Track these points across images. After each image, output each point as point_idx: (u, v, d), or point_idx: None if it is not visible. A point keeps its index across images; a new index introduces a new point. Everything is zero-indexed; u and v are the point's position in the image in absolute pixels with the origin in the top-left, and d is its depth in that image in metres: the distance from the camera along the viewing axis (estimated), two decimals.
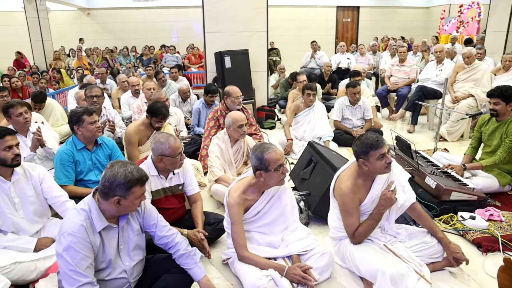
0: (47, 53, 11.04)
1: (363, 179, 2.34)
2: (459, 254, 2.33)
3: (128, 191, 1.81)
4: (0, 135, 2.39)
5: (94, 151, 3.11)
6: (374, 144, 2.22)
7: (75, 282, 1.72)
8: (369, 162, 2.24)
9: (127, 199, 1.82)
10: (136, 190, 1.83)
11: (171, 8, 15.16)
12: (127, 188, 1.80)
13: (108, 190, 1.80)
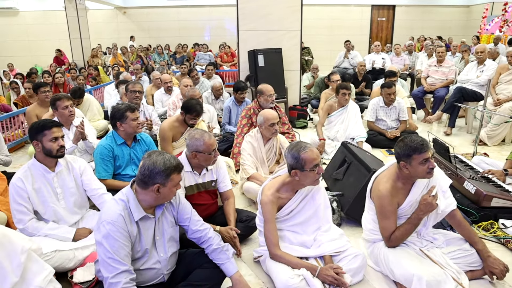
0: (85, 50, 11.44)
1: (402, 182, 2.28)
2: (497, 271, 2.23)
3: (167, 178, 1.86)
4: (48, 127, 2.49)
5: (132, 147, 3.20)
6: (419, 147, 2.15)
7: (113, 269, 1.77)
8: (410, 165, 2.18)
9: (166, 186, 1.87)
10: (174, 177, 1.88)
11: (205, 6, 15.34)
12: (166, 175, 1.85)
13: (147, 178, 1.84)
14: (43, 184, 2.52)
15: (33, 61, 13.05)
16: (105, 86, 7.00)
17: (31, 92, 5.85)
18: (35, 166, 2.52)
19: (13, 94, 6.62)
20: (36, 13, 14.08)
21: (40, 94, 4.74)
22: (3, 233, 1.68)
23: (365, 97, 6.98)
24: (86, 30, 11.74)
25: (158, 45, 13.02)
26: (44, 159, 2.53)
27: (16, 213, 2.45)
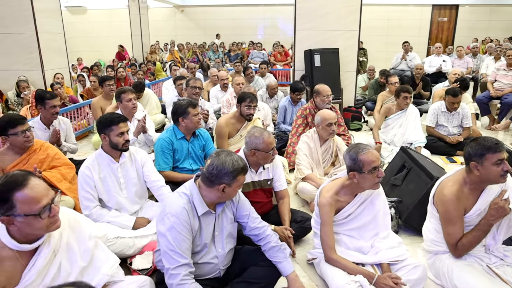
0: (144, 47, 11.95)
1: (470, 187, 2.14)
2: None
3: (234, 179, 1.87)
4: (115, 122, 2.61)
5: (191, 141, 3.29)
6: (493, 147, 2.00)
7: (174, 261, 1.82)
8: (482, 166, 2.03)
9: (231, 186, 1.89)
10: (240, 178, 1.90)
11: (259, 5, 15.44)
12: (233, 176, 1.86)
13: (215, 178, 1.86)
14: (108, 173, 2.65)
15: (96, 56, 13.79)
16: (162, 81, 7.26)
17: (96, 85, 6.20)
18: (102, 157, 2.66)
19: (80, 86, 7.06)
20: (102, 11, 14.90)
21: (105, 87, 5.01)
22: (74, 217, 1.78)
23: (423, 101, 6.68)
24: (146, 28, 12.26)
25: (212, 42, 13.30)
26: (110, 151, 2.66)
27: (83, 200, 2.59)
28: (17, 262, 1.55)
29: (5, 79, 6.20)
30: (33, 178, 1.52)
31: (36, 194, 1.48)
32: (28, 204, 1.46)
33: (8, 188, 1.46)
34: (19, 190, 1.46)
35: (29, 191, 1.47)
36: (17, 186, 1.46)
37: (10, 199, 1.45)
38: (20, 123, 2.76)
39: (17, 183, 1.47)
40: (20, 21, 6.09)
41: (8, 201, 1.45)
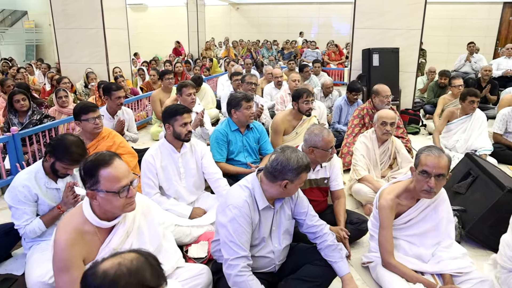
0: (200, 43, 12.26)
1: None
2: None
3: (297, 176, 1.86)
4: (180, 112, 2.69)
5: (245, 134, 3.32)
6: None
7: (233, 253, 1.85)
8: None
9: (294, 183, 1.88)
10: (303, 175, 1.88)
11: (313, 3, 15.27)
12: (297, 173, 1.85)
13: (278, 173, 1.86)
14: (169, 162, 2.74)
15: (154, 51, 14.37)
16: (218, 77, 7.40)
17: (155, 78, 6.45)
18: (164, 146, 2.76)
19: (139, 80, 7.38)
20: (161, 8, 15.49)
21: (165, 80, 5.20)
22: (147, 204, 1.87)
23: (488, 106, 6.26)
24: (202, 25, 12.58)
25: (266, 40, 13.35)
26: (173, 141, 2.75)
27: (145, 186, 2.70)
28: (96, 237, 1.66)
29: (75, 71, 6.64)
30: (118, 159, 1.64)
31: (118, 174, 1.59)
32: (110, 181, 1.58)
33: (96, 165, 1.59)
34: (104, 167, 1.58)
35: (113, 170, 1.59)
36: (103, 164, 1.59)
37: (96, 174, 1.58)
38: (92, 110, 2.94)
39: (104, 161, 1.60)
40: (90, 17, 6.48)
41: (94, 176, 1.58)
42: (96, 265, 0.99)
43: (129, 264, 0.97)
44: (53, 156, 2.23)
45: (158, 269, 1.02)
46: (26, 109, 3.82)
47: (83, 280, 0.99)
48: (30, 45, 13.76)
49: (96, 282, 0.95)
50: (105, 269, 0.97)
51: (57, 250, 1.59)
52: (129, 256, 1.00)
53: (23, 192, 2.25)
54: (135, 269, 0.97)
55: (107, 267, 0.97)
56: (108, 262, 0.99)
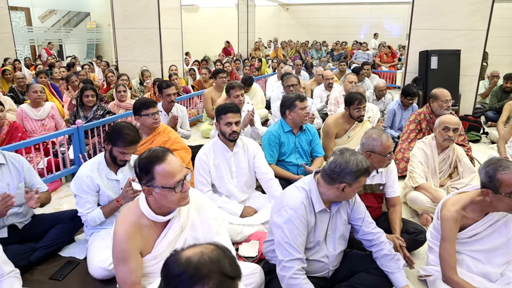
0: (249, 43, 12.37)
1: None
2: None
3: (356, 180, 1.81)
4: (224, 111, 2.71)
5: (298, 136, 3.29)
6: None
7: (288, 254, 1.82)
8: None
9: (352, 187, 1.83)
10: (362, 179, 1.83)
11: (365, 4, 14.91)
12: (356, 176, 1.80)
13: (336, 175, 1.81)
14: (222, 161, 2.78)
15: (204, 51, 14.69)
16: (267, 77, 7.41)
17: (206, 77, 6.58)
18: (217, 144, 2.79)
19: (191, 79, 7.56)
20: (212, 9, 15.82)
21: (218, 79, 5.28)
22: (200, 199, 1.89)
23: None
24: (252, 25, 12.68)
25: (314, 41, 13.22)
26: (224, 139, 2.78)
27: (198, 184, 2.75)
28: (152, 231, 1.71)
29: (131, 69, 6.92)
30: (171, 155, 1.66)
31: (172, 169, 1.62)
32: (165, 177, 1.60)
33: (150, 161, 1.62)
34: (159, 164, 1.61)
35: (167, 165, 1.61)
36: (157, 160, 1.62)
37: (151, 171, 1.61)
38: (152, 106, 3.05)
39: (158, 157, 1.62)
40: (146, 18, 6.74)
41: (149, 173, 1.62)
42: (177, 253, 1.00)
43: (211, 253, 0.98)
44: (110, 142, 2.36)
45: (236, 261, 1.02)
46: (92, 104, 4.05)
47: (164, 268, 1.00)
48: (91, 44, 14.59)
49: (179, 268, 0.96)
50: (188, 256, 0.98)
51: (116, 241, 1.66)
52: (209, 246, 1.01)
53: (86, 182, 2.36)
54: (217, 258, 0.98)
55: (190, 254, 0.98)
56: (190, 251, 1.00)
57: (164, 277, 1.00)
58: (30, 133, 4.14)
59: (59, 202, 3.42)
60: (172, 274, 0.97)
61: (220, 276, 0.96)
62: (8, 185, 2.38)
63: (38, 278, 2.29)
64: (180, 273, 0.95)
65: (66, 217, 2.58)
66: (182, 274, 0.95)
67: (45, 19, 13.44)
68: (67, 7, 13.85)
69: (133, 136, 2.33)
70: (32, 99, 4.27)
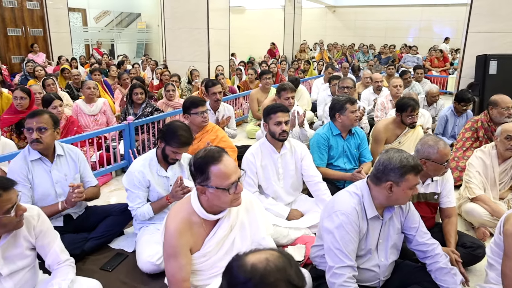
0: (294, 45, 12.31)
1: None
2: None
3: (402, 177, 1.74)
4: (274, 111, 2.69)
5: (346, 139, 3.21)
6: None
7: (339, 261, 1.77)
8: None
9: (400, 186, 1.76)
10: (410, 177, 1.75)
11: (417, 6, 14.36)
12: (401, 173, 1.74)
13: (381, 174, 1.78)
14: (269, 162, 2.76)
15: (249, 52, 14.80)
16: (313, 80, 7.33)
17: (252, 78, 6.61)
18: (265, 145, 2.78)
19: (237, 79, 7.62)
20: (258, 11, 15.89)
21: (262, 80, 5.28)
22: (250, 200, 1.89)
23: None
24: (298, 27, 12.61)
25: (361, 44, 12.92)
26: (272, 140, 2.76)
27: (245, 184, 2.73)
28: (202, 229, 1.72)
29: (179, 68, 7.09)
30: (226, 156, 1.65)
31: (227, 170, 1.61)
32: (220, 178, 1.60)
33: (206, 161, 1.62)
34: (215, 164, 1.61)
35: (222, 166, 1.60)
36: (213, 161, 1.61)
37: (206, 171, 1.61)
38: (201, 105, 3.10)
39: (213, 158, 1.62)
40: (196, 18, 6.88)
41: (204, 173, 1.61)
42: (240, 257, 0.98)
43: (276, 261, 0.95)
44: (164, 141, 2.39)
45: (300, 270, 0.99)
46: (141, 101, 4.18)
47: (228, 271, 0.98)
48: (140, 44, 15.14)
49: (245, 275, 0.93)
50: (253, 263, 0.95)
51: (167, 237, 1.68)
52: (273, 252, 0.98)
53: (138, 177, 2.43)
54: (282, 266, 0.94)
55: (255, 261, 0.95)
56: (254, 256, 0.97)
57: (228, 282, 0.98)
58: (83, 128, 4.34)
59: (108, 195, 3.55)
60: (237, 281, 0.94)
61: (286, 285, 0.93)
62: (65, 176, 2.49)
63: (90, 267, 2.39)
64: (246, 281, 0.93)
65: (117, 210, 2.67)
66: (248, 282, 0.92)
67: (99, 19, 14.12)
68: (120, 8, 14.47)
69: (187, 137, 2.37)
70: (86, 95, 4.47)
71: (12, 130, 3.90)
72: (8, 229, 1.62)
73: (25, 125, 2.34)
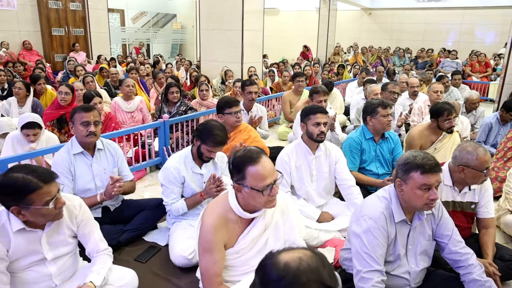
0: (328, 48, 12.20)
1: None
2: None
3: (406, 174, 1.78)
4: (313, 111, 2.70)
5: (379, 143, 3.17)
6: None
7: (367, 265, 1.76)
8: None
9: (407, 184, 1.78)
10: (415, 176, 1.75)
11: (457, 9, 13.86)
12: (405, 170, 1.78)
13: (402, 173, 1.80)
14: (303, 163, 2.76)
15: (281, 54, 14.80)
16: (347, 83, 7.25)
17: (287, 79, 6.62)
18: (300, 146, 2.78)
19: (269, 80, 7.65)
20: (292, 12, 15.87)
21: (296, 82, 5.28)
22: (285, 201, 1.90)
23: None
24: (333, 29, 12.49)
25: (397, 47, 12.63)
26: (308, 141, 2.76)
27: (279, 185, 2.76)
28: (237, 226, 1.75)
29: (212, 69, 7.21)
30: (264, 157, 1.67)
31: (264, 172, 1.62)
32: (256, 179, 1.62)
33: (244, 161, 1.64)
34: (252, 165, 1.63)
35: (259, 168, 1.62)
36: (251, 161, 1.63)
37: (243, 170, 1.63)
38: (235, 105, 3.15)
39: (252, 158, 1.64)
40: (230, 20, 6.96)
41: (241, 172, 1.64)
42: (274, 255, 0.98)
43: (309, 261, 0.95)
44: (199, 139, 2.45)
45: (333, 270, 0.99)
46: (176, 100, 4.29)
47: (262, 268, 0.99)
48: (175, 44, 15.49)
49: (278, 273, 0.93)
50: (286, 262, 0.95)
51: (203, 232, 1.71)
52: (307, 252, 0.98)
53: (173, 174, 2.49)
54: (315, 267, 0.94)
55: (288, 259, 0.95)
56: (287, 255, 0.97)
57: (260, 279, 0.98)
58: (120, 124, 4.49)
59: (143, 190, 3.66)
60: (270, 278, 0.95)
61: (318, 285, 0.92)
62: (104, 169, 2.60)
63: (125, 258, 2.48)
64: (278, 279, 0.93)
65: (152, 204, 2.76)
66: (280, 280, 0.93)
67: (136, 20, 14.55)
68: (157, 9, 14.86)
69: (222, 137, 2.42)
70: (125, 92, 4.63)
71: (53, 124, 4.10)
72: (47, 219, 1.70)
73: (79, 119, 2.44)
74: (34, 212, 1.61)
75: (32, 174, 1.61)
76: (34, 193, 1.59)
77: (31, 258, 1.71)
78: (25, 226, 1.67)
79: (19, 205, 1.59)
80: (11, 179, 1.58)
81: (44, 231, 1.73)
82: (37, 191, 1.59)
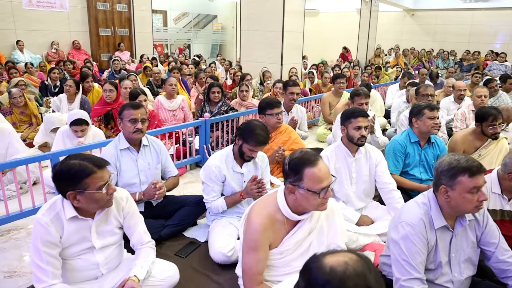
0: (368, 49, 11.96)
1: None
2: None
3: (453, 180, 1.69)
4: (354, 115, 2.67)
5: (424, 148, 3.08)
6: None
7: (406, 273, 1.72)
8: None
9: (455, 190, 1.69)
10: (463, 180, 1.67)
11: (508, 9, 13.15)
12: (450, 175, 1.69)
13: (436, 179, 1.76)
14: (343, 165, 2.74)
15: (320, 55, 14.66)
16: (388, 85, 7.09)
17: (327, 81, 6.57)
18: (340, 148, 2.76)
19: (309, 82, 7.61)
20: (332, 14, 15.69)
21: (336, 84, 5.23)
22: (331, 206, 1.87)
23: None
24: (374, 31, 12.23)
25: (441, 49, 12.17)
26: (348, 144, 2.73)
27: None
28: (283, 227, 1.77)
29: (252, 69, 7.27)
30: (321, 161, 1.68)
31: (321, 175, 1.63)
32: (313, 181, 1.63)
33: (302, 163, 1.66)
34: (310, 167, 1.64)
35: (317, 170, 1.64)
36: (309, 163, 1.65)
37: (301, 172, 1.65)
38: (276, 106, 3.17)
39: (309, 160, 1.65)
40: (271, 21, 6.99)
41: (298, 173, 1.65)
42: (318, 258, 0.98)
43: (355, 265, 0.93)
44: (241, 138, 2.49)
45: (380, 276, 0.98)
46: (218, 100, 4.38)
47: (307, 271, 0.99)
48: (215, 44, 15.75)
49: (324, 277, 0.93)
50: (332, 265, 0.94)
51: (251, 230, 1.73)
52: (352, 256, 0.97)
53: (214, 172, 2.55)
54: (361, 271, 0.93)
55: (334, 263, 0.94)
56: (333, 258, 0.96)
57: (306, 282, 0.98)
58: (163, 122, 4.63)
59: (183, 187, 3.75)
60: (315, 282, 0.94)
61: None
62: (148, 165, 2.70)
63: (166, 252, 2.55)
64: (324, 283, 0.92)
65: (192, 201, 2.83)
66: (326, 285, 0.92)
67: (178, 21, 14.92)
68: (198, 10, 15.19)
69: (264, 137, 2.45)
70: (168, 91, 4.76)
71: (101, 120, 4.29)
72: (99, 205, 1.78)
73: (128, 116, 2.55)
74: (88, 197, 1.70)
75: (87, 160, 1.72)
76: (89, 177, 1.68)
77: (81, 246, 1.81)
78: (77, 214, 1.77)
79: (75, 190, 1.69)
80: (68, 165, 1.69)
81: (94, 219, 1.82)
82: (92, 175, 1.69)
